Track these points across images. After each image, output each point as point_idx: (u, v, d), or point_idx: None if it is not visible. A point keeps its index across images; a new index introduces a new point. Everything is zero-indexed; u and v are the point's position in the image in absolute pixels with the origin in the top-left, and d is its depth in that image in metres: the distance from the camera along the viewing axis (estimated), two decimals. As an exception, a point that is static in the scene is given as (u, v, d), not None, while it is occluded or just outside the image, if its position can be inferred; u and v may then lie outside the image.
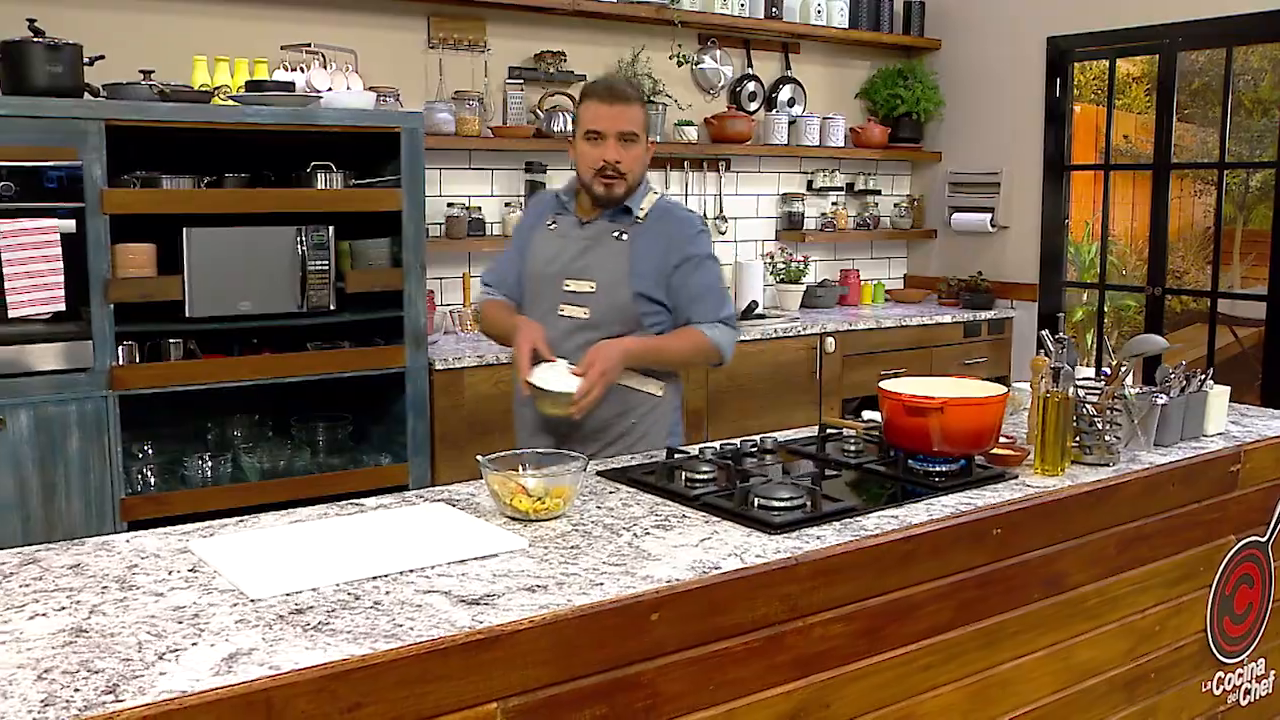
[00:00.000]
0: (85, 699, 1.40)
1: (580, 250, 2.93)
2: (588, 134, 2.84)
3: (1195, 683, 2.83)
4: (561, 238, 2.97)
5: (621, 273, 2.88)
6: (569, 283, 2.91)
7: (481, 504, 2.27)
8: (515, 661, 1.64)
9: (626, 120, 2.83)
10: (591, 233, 2.94)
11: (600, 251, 2.91)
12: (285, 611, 1.69)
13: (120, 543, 2.03)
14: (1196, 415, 2.89)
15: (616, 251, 2.90)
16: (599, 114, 2.83)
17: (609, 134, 2.82)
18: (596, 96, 2.85)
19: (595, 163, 2.83)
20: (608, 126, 2.82)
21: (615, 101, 2.83)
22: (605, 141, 2.82)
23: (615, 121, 2.82)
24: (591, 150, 2.84)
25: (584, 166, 2.87)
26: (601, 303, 2.88)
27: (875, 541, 2.07)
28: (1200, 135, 6.82)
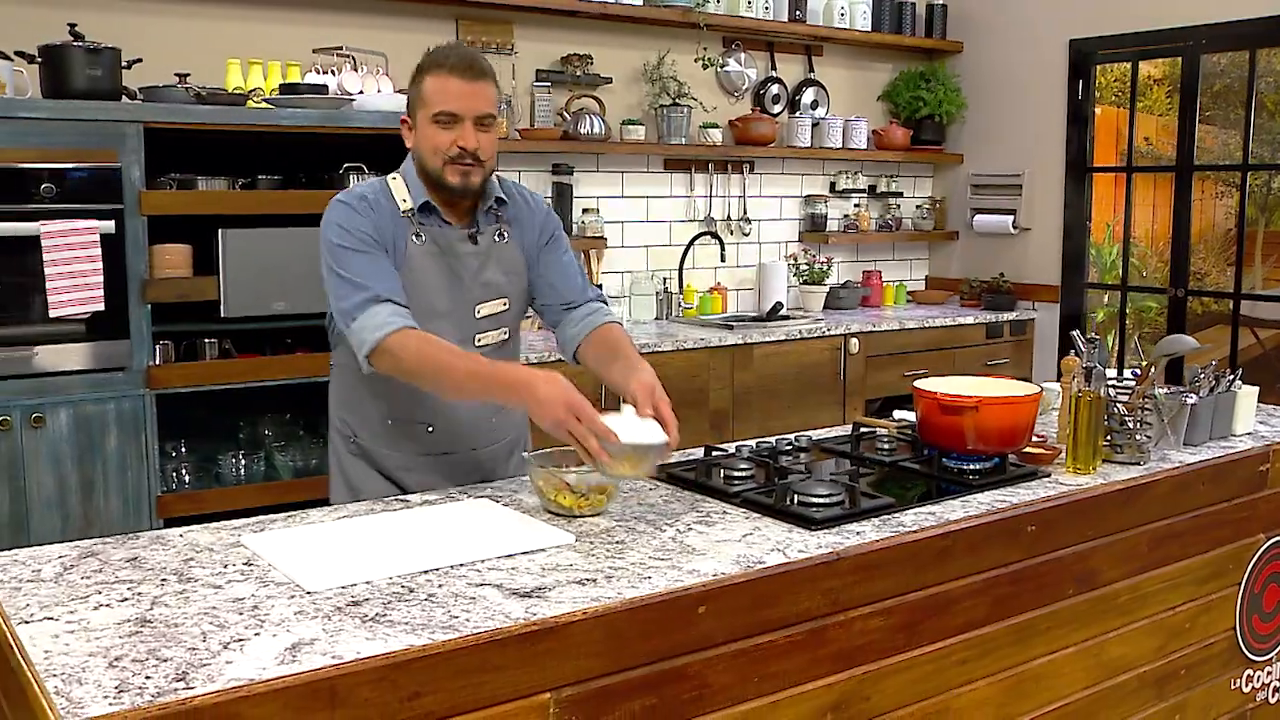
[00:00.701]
0: (157, 685, 1.44)
1: (478, 268, 2.50)
2: (438, 116, 2.35)
3: (1224, 680, 2.86)
4: (446, 257, 2.46)
5: (523, 278, 2.58)
6: (483, 308, 2.52)
7: (524, 500, 2.31)
8: (568, 653, 1.68)
9: (485, 100, 2.37)
10: (484, 244, 2.51)
11: (497, 263, 2.53)
12: (343, 603, 1.73)
13: (174, 537, 2.08)
14: (1225, 415, 2.92)
15: (512, 254, 2.56)
16: (453, 91, 2.34)
17: (466, 116, 2.35)
18: (450, 70, 2.34)
19: (448, 149, 2.36)
20: (465, 108, 2.35)
21: (475, 78, 2.35)
22: (461, 125, 2.35)
23: (473, 101, 2.35)
24: (443, 135, 2.36)
25: (432, 153, 2.38)
26: (512, 316, 2.59)
27: (914, 537, 2.10)
28: (1221, 137, 6.84)
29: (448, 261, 2.47)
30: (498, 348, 2.58)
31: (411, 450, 2.56)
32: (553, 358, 4.32)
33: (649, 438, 2.10)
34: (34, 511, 3.54)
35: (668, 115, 5.38)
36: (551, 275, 2.60)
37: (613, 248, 5.38)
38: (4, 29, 3.79)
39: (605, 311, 2.61)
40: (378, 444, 2.57)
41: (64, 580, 1.84)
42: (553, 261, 2.61)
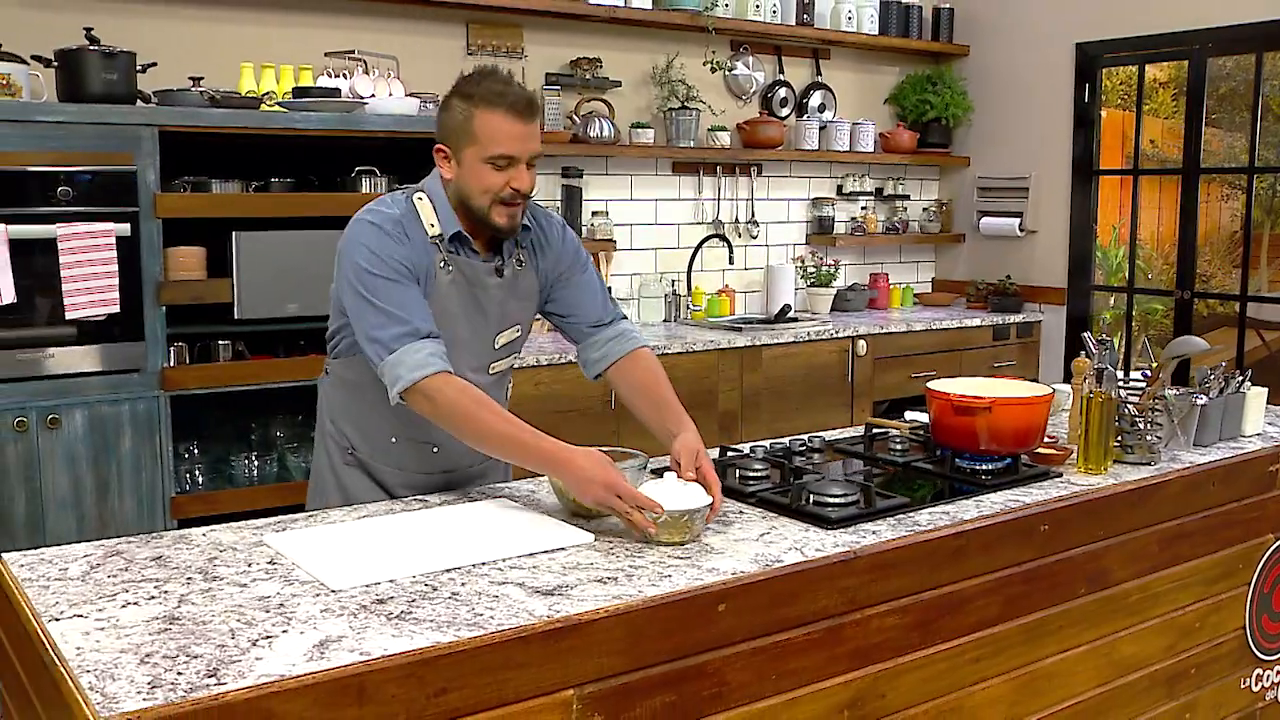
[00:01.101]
0: (189, 681, 1.47)
1: (501, 300, 2.46)
2: (494, 159, 2.26)
3: (1234, 679, 2.88)
4: (472, 289, 2.41)
5: (535, 302, 2.56)
6: (500, 337, 2.50)
7: (542, 500, 2.34)
8: (591, 650, 1.70)
9: (538, 139, 2.32)
10: (509, 277, 2.46)
11: (514, 293, 2.49)
12: (368, 601, 1.76)
13: (197, 536, 2.10)
14: (1235, 416, 2.94)
15: (529, 283, 2.51)
16: (513, 134, 2.25)
17: (522, 159, 2.29)
18: (509, 112, 2.25)
19: (501, 190, 2.29)
20: (522, 150, 2.28)
21: (531, 120, 2.28)
22: (517, 167, 2.28)
23: (529, 143, 2.29)
24: (497, 177, 2.27)
25: (482, 193, 2.30)
26: (523, 338, 2.59)
27: (928, 536, 2.13)
28: (1227, 140, 6.86)
29: (474, 294, 2.42)
30: (507, 371, 2.59)
31: (412, 468, 2.52)
32: (563, 359, 4.35)
33: (692, 503, 2.06)
34: (49, 512, 3.57)
35: (676, 118, 5.41)
36: (575, 297, 2.56)
37: (621, 250, 5.40)
38: (20, 34, 3.81)
39: (632, 335, 2.56)
40: (378, 459, 2.52)
41: (91, 579, 1.86)
42: (578, 283, 2.56)
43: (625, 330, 2.57)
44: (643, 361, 2.52)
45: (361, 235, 2.32)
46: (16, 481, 3.51)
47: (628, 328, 2.58)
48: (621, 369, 2.52)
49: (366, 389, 2.42)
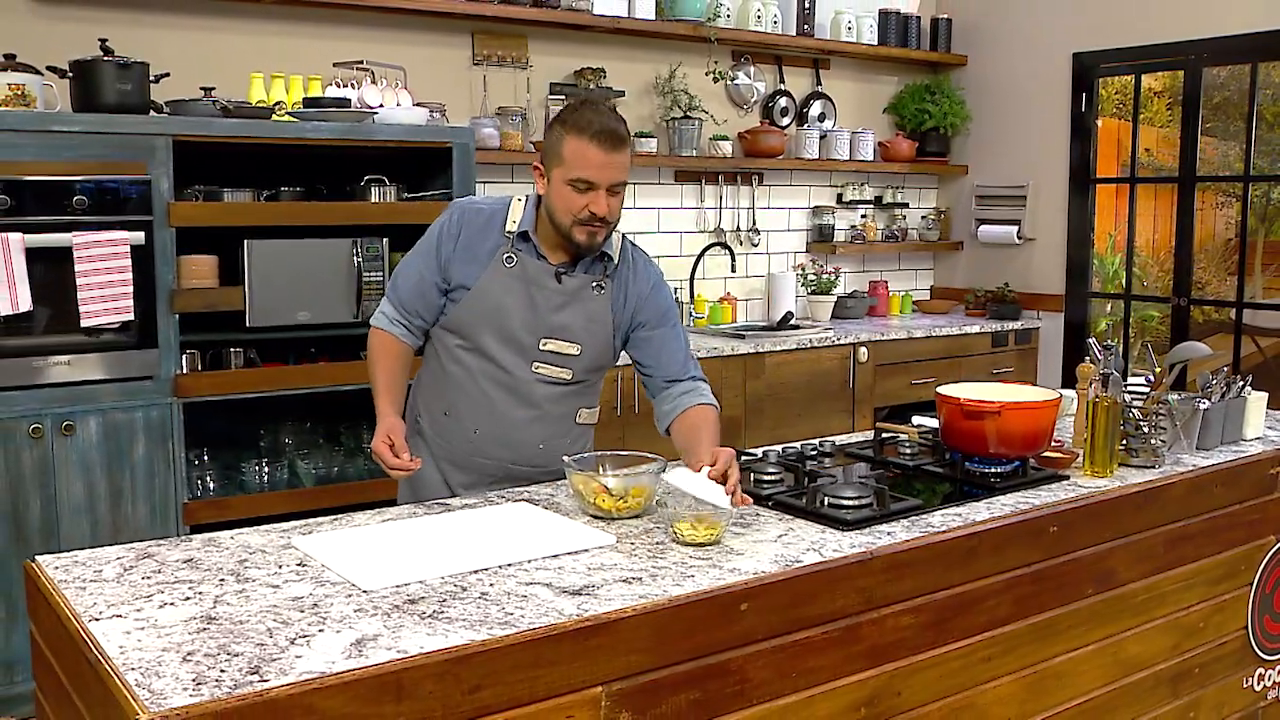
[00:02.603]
0: (233, 679, 1.51)
1: (558, 306, 2.59)
2: (575, 182, 2.44)
3: (1237, 678, 2.93)
4: (529, 286, 2.58)
5: (606, 334, 2.65)
6: (549, 343, 2.60)
7: (562, 503, 2.38)
8: (618, 648, 1.75)
9: (620, 169, 2.47)
10: (571, 287, 2.60)
11: (581, 309, 2.61)
12: (400, 601, 1.80)
13: (225, 539, 2.14)
14: (1236, 420, 3.00)
15: (599, 309, 2.63)
16: (594, 161, 2.43)
17: (601, 185, 2.45)
18: (594, 140, 2.42)
19: (580, 213, 2.47)
20: (602, 177, 2.44)
21: (614, 150, 2.44)
22: (596, 192, 2.45)
23: (610, 172, 2.45)
24: (577, 199, 2.46)
25: (564, 212, 2.49)
26: (585, 364, 2.66)
27: (942, 537, 2.18)
28: (1221, 149, 6.92)
29: (529, 290, 2.58)
30: (558, 386, 2.65)
31: (456, 446, 2.68)
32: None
33: (721, 501, 2.11)
34: (64, 518, 3.60)
35: (678, 128, 5.46)
36: (658, 349, 2.68)
37: (624, 258, 5.44)
38: (35, 45, 3.86)
39: (702, 392, 2.65)
40: (432, 430, 2.74)
41: (126, 580, 1.90)
42: (662, 335, 2.68)
43: (698, 388, 2.66)
44: (703, 412, 2.61)
45: (441, 215, 2.69)
46: (32, 488, 3.55)
47: (701, 386, 2.68)
48: (683, 418, 2.61)
49: (431, 360, 2.74)
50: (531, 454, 2.67)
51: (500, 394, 2.63)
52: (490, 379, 2.63)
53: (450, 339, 2.65)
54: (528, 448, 2.67)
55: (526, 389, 2.62)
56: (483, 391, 2.63)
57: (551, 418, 2.67)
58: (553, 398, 2.66)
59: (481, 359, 2.62)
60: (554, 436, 2.68)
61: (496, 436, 2.65)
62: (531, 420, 2.64)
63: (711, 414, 2.61)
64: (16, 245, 3.42)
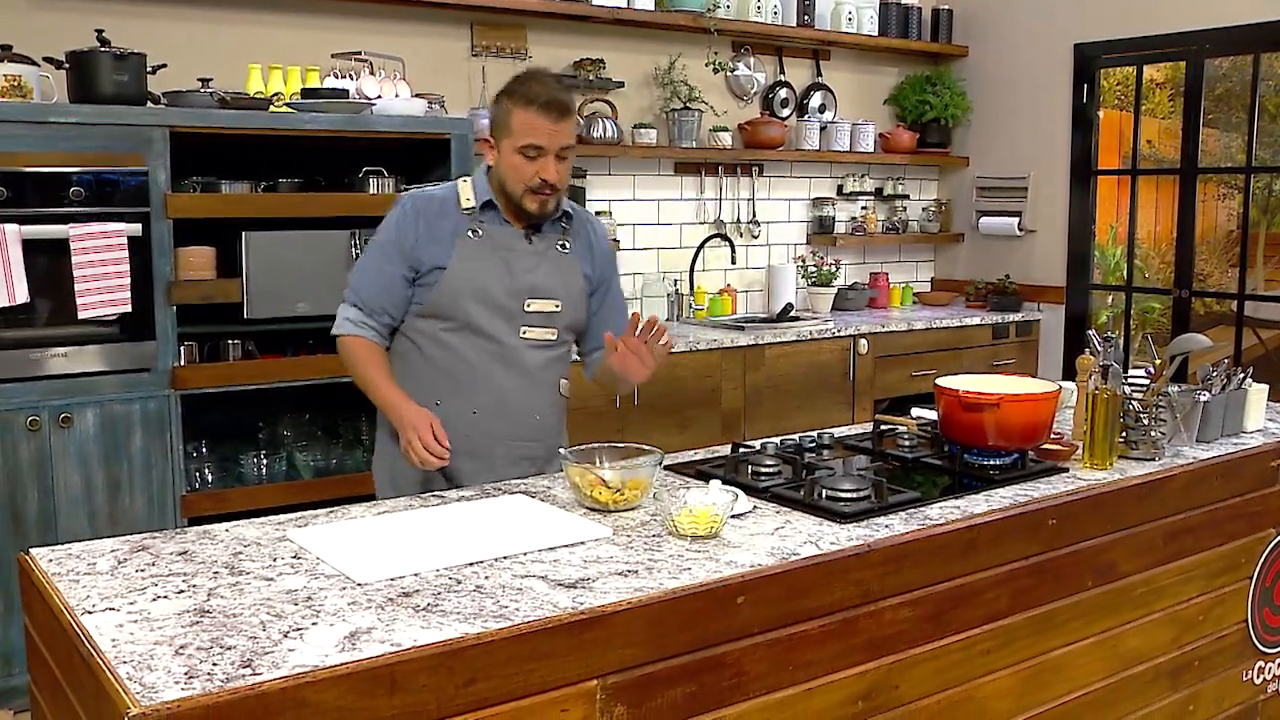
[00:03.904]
0: (225, 672, 1.50)
1: (533, 265, 2.68)
2: (524, 149, 2.54)
3: (1236, 671, 2.92)
4: (501, 251, 2.66)
5: (581, 287, 2.76)
6: (532, 303, 2.67)
7: (558, 495, 2.37)
8: (614, 641, 1.74)
9: (568, 134, 2.58)
10: (540, 246, 2.70)
11: (553, 266, 2.71)
12: (394, 594, 1.79)
13: (221, 531, 2.14)
14: (1236, 412, 2.99)
15: (570, 264, 2.74)
16: (541, 129, 2.53)
17: (550, 150, 2.55)
18: (541, 110, 2.52)
19: (531, 180, 2.57)
20: (550, 142, 2.54)
21: (562, 118, 2.55)
22: (545, 158, 2.55)
23: (558, 137, 2.55)
24: (528, 166, 2.55)
25: (515, 181, 2.58)
26: (566, 320, 2.74)
27: (940, 530, 2.17)
28: (1223, 140, 6.91)
29: (501, 255, 2.66)
30: (547, 347, 2.73)
31: (452, 435, 2.63)
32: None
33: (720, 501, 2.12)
34: (61, 510, 3.59)
35: (678, 119, 5.44)
36: (613, 310, 2.83)
37: (624, 250, 5.43)
38: (32, 35, 3.84)
39: None
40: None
41: (119, 573, 1.90)
42: (615, 296, 2.85)
43: None
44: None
45: (391, 209, 2.73)
46: (29, 480, 3.54)
47: None
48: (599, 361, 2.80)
49: (409, 356, 2.72)
50: (529, 427, 2.72)
51: (494, 366, 2.67)
52: (482, 352, 2.67)
53: (432, 325, 2.67)
54: (525, 420, 2.72)
55: (518, 356, 2.69)
56: (476, 368, 2.67)
57: (543, 386, 2.75)
58: (541, 363, 2.73)
59: (470, 335, 2.66)
60: (545, 407, 2.76)
61: (495, 412, 2.69)
62: (526, 389, 2.70)
63: None
64: (13, 237, 3.41)
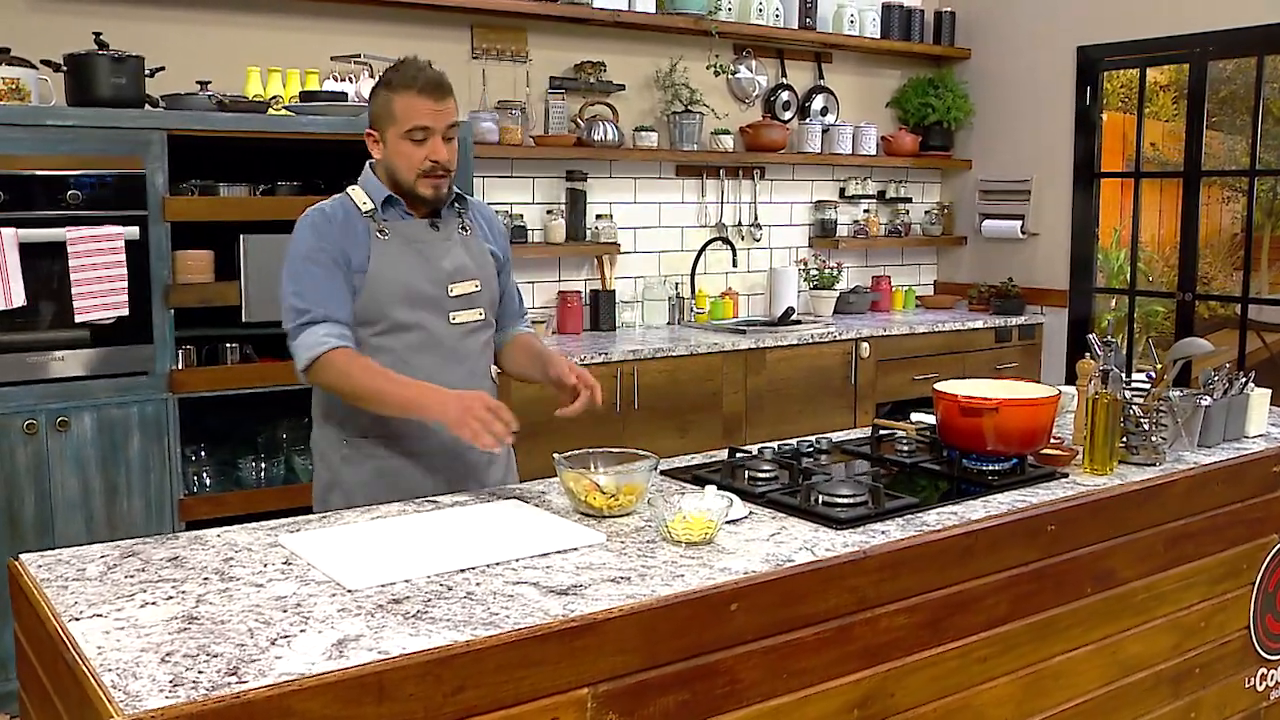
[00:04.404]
0: (210, 680, 1.49)
1: (444, 252, 2.65)
2: (411, 132, 2.50)
3: (1238, 678, 2.90)
4: (412, 244, 2.61)
5: (491, 265, 2.74)
6: (455, 287, 2.64)
7: (552, 501, 2.36)
8: (605, 649, 1.72)
9: (451, 113, 2.55)
10: (446, 232, 2.67)
11: (463, 248, 2.68)
12: (384, 601, 1.77)
13: (212, 537, 2.12)
14: (1238, 417, 2.96)
15: (475, 245, 2.72)
16: (424, 110, 2.50)
17: (437, 130, 2.52)
18: (421, 92, 2.50)
19: (421, 164, 2.52)
20: (435, 121, 2.51)
21: (442, 96, 2.53)
22: (433, 139, 2.51)
23: (442, 116, 2.52)
24: (417, 151, 2.52)
25: (406, 168, 2.54)
26: (486, 299, 2.72)
27: (937, 536, 2.15)
28: (1227, 143, 6.89)
29: (415, 248, 2.61)
30: (477, 329, 2.70)
31: (408, 436, 2.59)
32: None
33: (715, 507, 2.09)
34: (58, 514, 3.58)
35: (680, 122, 5.43)
36: (507, 291, 2.83)
37: (625, 253, 5.42)
38: (30, 38, 3.83)
39: (525, 324, 2.90)
40: (373, 435, 2.61)
41: (108, 579, 1.88)
42: (508, 278, 2.84)
43: (524, 323, 2.91)
44: (524, 337, 2.86)
45: (295, 232, 2.61)
46: (26, 484, 3.53)
47: (527, 322, 2.94)
48: (507, 347, 2.84)
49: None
50: None
51: (433, 360, 2.59)
52: (419, 349, 2.59)
53: (361, 332, 2.57)
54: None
55: (453, 344, 2.64)
56: (414, 368, 2.54)
57: (479, 373, 2.71)
58: (475, 349, 2.71)
59: (403, 333, 2.59)
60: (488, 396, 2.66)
61: None
62: (465, 378, 2.59)
63: (532, 336, 2.87)
64: (10, 240, 3.40)
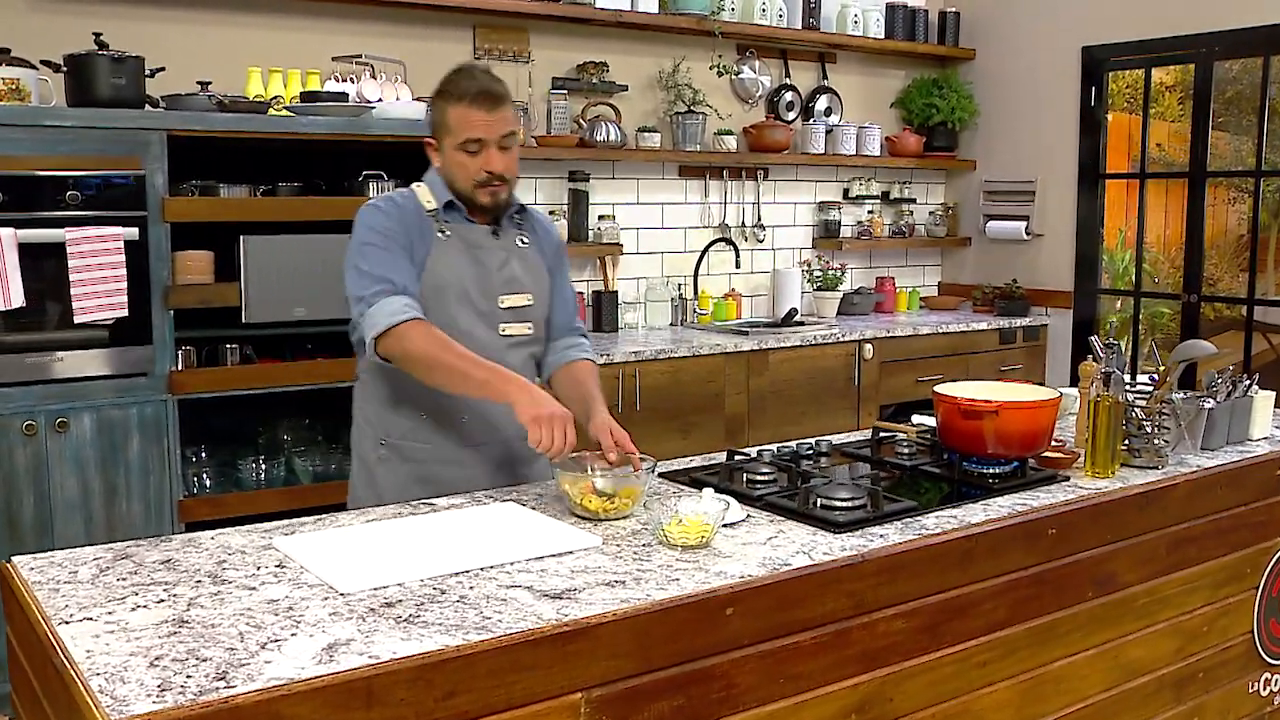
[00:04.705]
0: (199, 685, 1.47)
1: (502, 262, 2.65)
2: (465, 144, 2.50)
3: (1242, 683, 2.87)
4: (472, 249, 2.61)
5: (545, 280, 2.73)
6: (506, 299, 2.64)
7: (550, 503, 2.34)
8: (599, 653, 1.71)
9: (506, 122, 2.52)
10: (505, 242, 2.66)
11: (520, 260, 2.68)
12: (376, 605, 1.76)
13: (205, 539, 2.11)
14: (1242, 420, 2.94)
15: (533, 257, 2.71)
16: (477, 121, 2.49)
17: (491, 141, 2.51)
18: (472, 102, 2.49)
19: (477, 174, 2.52)
20: (489, 133, 2.50)
21: (495, 107, 2.50)
22: (488, 150, 2.51)
23: (496, 127, 2.50)
24: (472, 161, 2.51)
25: (463, 178, 2.55)
26: (538, 314, 2.71)
27: (936, 540, 2.13)
28: (1234, 143, 6.85)
29: (473, 253, 2.61)
30: (524, 343, 2.69)
31: (446, 442, 2.61)
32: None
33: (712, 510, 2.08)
34: (57, 515, 3.58)
35: (683, 122, 5.41)
36: (558, 298, 2.78)
37: (628, 254, 5.40)
38: (30, 39, 3.83)
39: (584, 348, 2.80)
40: (411, 439, 2.64)
41: (100, 582, 1.87)
42: (559, 285, 2.79)
43: (581, 344, 2.81)
44: (582, 367, 2.75)
45: (361, 216, 2.61)
46: (25, 485, 3.52)
47: (583, 342, 2.82)
48: (562, 371, 2.75)
49: (391, 371, 2.57)
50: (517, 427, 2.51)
51: None
52: None
53: None
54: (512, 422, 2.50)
55: (498, 355, 2.58)
56: None
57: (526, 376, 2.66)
58: (522, 361, 2.68)
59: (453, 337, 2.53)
60: None
61: (484, 414, 2.61)
62: None
63: (594, 369, 2.76)
64: (9, 241, 3.39)
